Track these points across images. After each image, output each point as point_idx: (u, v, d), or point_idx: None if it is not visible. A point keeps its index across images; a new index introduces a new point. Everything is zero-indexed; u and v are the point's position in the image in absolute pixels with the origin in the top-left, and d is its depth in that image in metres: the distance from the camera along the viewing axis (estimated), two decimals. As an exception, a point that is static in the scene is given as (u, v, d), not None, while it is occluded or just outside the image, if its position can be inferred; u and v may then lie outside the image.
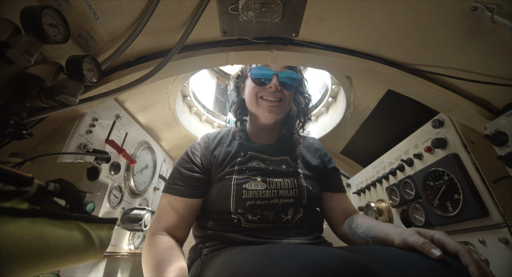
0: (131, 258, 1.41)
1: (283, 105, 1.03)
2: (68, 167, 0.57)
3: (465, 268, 0.54)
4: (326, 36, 0.93)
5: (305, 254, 0.49)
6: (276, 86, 0.99)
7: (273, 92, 1.00)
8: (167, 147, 1.86)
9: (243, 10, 0.80)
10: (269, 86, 0.99)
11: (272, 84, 0.99)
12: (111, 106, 1.23)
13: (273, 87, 0.99)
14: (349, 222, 0.97)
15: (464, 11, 0.72)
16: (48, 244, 0.37)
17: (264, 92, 1.01)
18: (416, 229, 0.67)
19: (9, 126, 0.63)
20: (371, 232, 0.84)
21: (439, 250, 0.57)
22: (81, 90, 0.71)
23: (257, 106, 1.03)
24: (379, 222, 0.87)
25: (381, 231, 0.79)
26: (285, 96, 1.02)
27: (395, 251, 0.63)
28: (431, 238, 0.63)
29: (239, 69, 1.18)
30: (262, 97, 1.02)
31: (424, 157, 1.16)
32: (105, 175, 1.16)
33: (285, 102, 1.03)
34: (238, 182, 0.90)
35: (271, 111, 1.00)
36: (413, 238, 0.63)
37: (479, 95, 0.94)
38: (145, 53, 0.94)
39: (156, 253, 0.77)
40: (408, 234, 0.66)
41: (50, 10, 0.60)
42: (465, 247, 0.58)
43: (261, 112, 1.03)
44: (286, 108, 1.06)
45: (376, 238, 0.80)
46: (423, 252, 0.59)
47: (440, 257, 0.55)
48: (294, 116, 1.14)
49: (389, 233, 0.75)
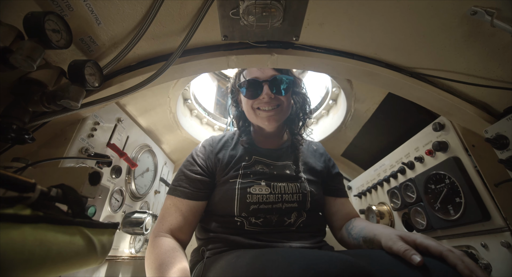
0: (132, 262, 1.40)
1: (281, 110, 1.02)
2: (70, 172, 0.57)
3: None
4: (327, 40, 0.93)
5: (306, 259, 0.49)
6: (269, 96, 0.98)
7: (267, 102, 0.99)
8: (168, 150, 1.86)
9: (244, 14, 0.80)
10: (262, 96, 0.98)
11: (265, 94, 0.97)
12: (113, 109, 1.23)
13: (266, 97, 0.98)
14: (347, 224, 0.98)
15: (464, 15, 0.73)
16: (50, 250, 0.37)
17: (259, 103, 1.00)
18: (400, 234, 0.68)
19: (11, 131, 0.63)
20: (362, 233, 0.85)
21: (420, 256, 0.57)
22: (83, 94, 0.71)
23: (256, 117, 1.03)
24: (371, 224, 0.88)
25: (370, 232, 0.81)
26: (281, 101, 1.01)
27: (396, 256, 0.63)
28: (413, 242, 0.64)
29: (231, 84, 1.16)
30: (258, 107, 1.01)
31: (425, 160, 1.16)
32: (106, 178, 1.16)
33: (282, 107, 1.02)
34: (242, 186, 0.90)
35: (270, 120, 1.00)
36: (397, 246, 0.64)
37: (479, 98, 0.94)
38: (147, 57, 0.95)
39: (159, 255, 0.78)
40: (392, 242, 0.66)
41: (52, 15, 0.61)
42: (448, 247, 0.59)
43: (261, 123, 1.03)
44: (285, 112, 1.05)
45: (365, 238, 0.83)
46: (405, 259, 0.59)
47: (420, 263, 0.56)
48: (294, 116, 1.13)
49: (376, 234, 0.77)
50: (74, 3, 0.70)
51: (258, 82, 0.99)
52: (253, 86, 1.00)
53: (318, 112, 1.96)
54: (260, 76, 1.01)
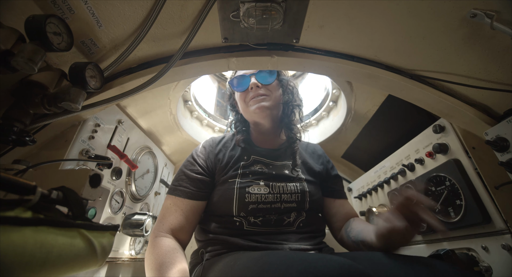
0: (132, 264, 1.40)
1: (270, 99, 1.06)
2: (70, 174, 0.57)
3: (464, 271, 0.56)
4: (327, 42, 0.94)
5: (305, 262, 0.49)
6: (255, 84, 1.05)
7: (255, 92, 1.05)
8: (168, 152, 1.86)
9: (244, 17, 0.81)
10: (250, 87, 1.06)
11: (252, 83, 1.05)
12: (113, 111, 1.23)
13: (253, 86, 1.05)
14: (346, 226, 0.98)
15: (464, 17, 0.73)
16: (51, 252, 0.37)
17: (249, 94, 1.07)
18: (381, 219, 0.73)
19: (12, 132, 0.63)
20: (360, 236, 0.86)
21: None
22: (83, 96, 0.72)
23: (248, 110, 1.07)
24: (368, 226, 0.89)
25: (367, 235, 0.82)
26: (269, 91, 1.07)
27: (396, 258, 0.63)
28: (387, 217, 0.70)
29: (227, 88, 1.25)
30: (250, 100, 1.06)
31: (425, 162, 1.15)
32: (106, 180, 1.16)
33: (271, 95, 1.07)
34: (241, 185, 0.90)
35: (260, 107, 1.04)
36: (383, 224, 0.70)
37: (480, 101, 0.94)
38: (147, 59, 0.95)
39: (159, 255, 0.78)
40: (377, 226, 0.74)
41: (54, 18, 0.61)
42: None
43: (253, 113, 1.06)
44: (274, 100, 1.08)
45: (364, 242, 0.83)
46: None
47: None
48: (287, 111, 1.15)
49: (372, 237, 0.78)
50: (75, 6, 0.70)
51: (245, 76, 1.09)
52: (241, 79, 1.10)
53: (318, 113, 1.96)
54: (247, 71, 1.10)
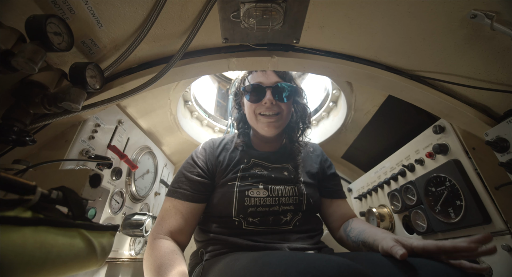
0: (132, 264, 1.40)
1: (281, 118, 1.02)
2: (70, 174, 0.57)
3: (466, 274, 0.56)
4: (327, 42, 0.94)
5: (304, 262, 0.49)
6: (270, 101, 0.99)
7: (269, 108, 1.00)
8: (168, 152, 1.86)
9: (244, 17, 0.81)
10: (264, 101, 1.00)
11: (267, 99, 0.99)
12: (113, 111, 1.23)
13: (268, 103, 0.99)
14: (345, 225, 0.99)
15: (464, 18, 0.73)
16: (51, 252, 0.37)
17: (261, 108, 1.01)
18: (397, 238, 0.70)
19: (12, 132, 0.64)
20: (361, 237, 0.86)
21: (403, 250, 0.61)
22: (84, 96, 0.72)
23: (256, 122, 1.04)
24: (370, 227, 0.89)
25: (369, 237, 0.81)
26: (282, 109, 1.02)
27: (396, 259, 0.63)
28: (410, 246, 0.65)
29: (236, 87, 1.19)
30: (260, 113, 1.02)
31: (425, 162, 1.15)
32: (106, 180, 1.16)
33: (282, 114, 1.03)
34: (240, 188, 0.91)
35: (270, 126, 1.01)
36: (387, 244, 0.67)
37: (480, 101, 0.95)
38: (148, 59, 0.95)
39: (157, 257, 0.78)
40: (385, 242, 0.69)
41: (54, 18, 0.61)
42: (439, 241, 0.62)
43: (260, 128, 1.03)
44: (285, 120, 1.05)
45: (365, 243, 0.83)
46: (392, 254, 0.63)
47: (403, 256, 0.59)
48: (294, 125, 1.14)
49: (376, 239, 0.77)
50: (76, 6, 0.70)
51: (262, 87, 1.01)
52: (257, 91, 1.02)
53: (318, 114, 1.96)
54: (264, 81, 1.03)
